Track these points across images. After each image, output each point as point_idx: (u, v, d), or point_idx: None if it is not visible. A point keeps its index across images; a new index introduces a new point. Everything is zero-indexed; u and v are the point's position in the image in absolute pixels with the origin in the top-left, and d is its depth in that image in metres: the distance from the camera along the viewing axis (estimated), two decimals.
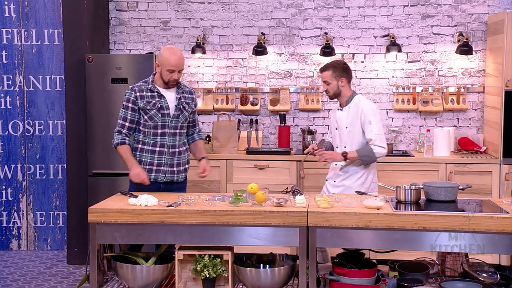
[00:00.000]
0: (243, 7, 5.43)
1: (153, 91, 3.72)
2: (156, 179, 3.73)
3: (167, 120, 3.72)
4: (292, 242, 3.12)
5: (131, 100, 3.70)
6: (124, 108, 3.72)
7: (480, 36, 5.17)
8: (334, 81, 3.95)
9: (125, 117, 3.72)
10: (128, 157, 3.71)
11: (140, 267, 3.20)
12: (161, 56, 3.67)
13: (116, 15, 5.56)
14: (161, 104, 3.70)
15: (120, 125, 3.74)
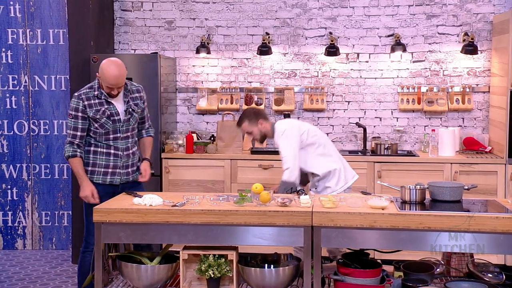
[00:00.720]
0: (248, 7, 5.43)
1: (100, 98, 3.63)
2: (112, 181, 3.71)
3: (118, 125, 3.68)
4: (297, 242, 3.11)
5: (80, 109, 3.59)
6: (73, 118, 3.60)
7: (485, 35, 5.16)
8: (255, 127, 4.08)
9: (76, 126, 3.61)
10: (78, 172, 3.63)
11: (145, 267, 3.20)
12: (102, 71, 3.55)
13: (121, 15, 5.57)
14: (110, 111, 3.63)
15: (71, 136, 3.62)
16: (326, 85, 5.38)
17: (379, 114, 5.35)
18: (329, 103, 5.39)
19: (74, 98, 3.64)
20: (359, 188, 4.50)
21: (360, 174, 4.78)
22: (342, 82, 5.37)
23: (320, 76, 5.39)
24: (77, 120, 3.61)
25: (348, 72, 5.36)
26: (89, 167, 3.69)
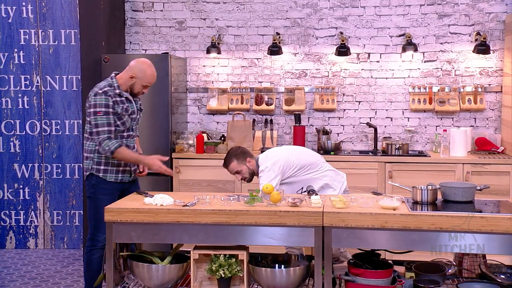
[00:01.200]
0: (258, 7, 5.43)
1: (121, 96, 3.70)
2: (123, 179, 3.77)
3: (133, 123, 3.81)
4: (307, 242, 3.11)
5: (110, 105, 3.63)
6: (104, 114, 3.61)
7: (497, 35, 5.12)
8: (243, 166, 3.98)
9: (109, 122, 3.63)
10: (132, 156, 3.72)
11: (156, 267, 3.21)
12: (140, 72, 3.67)
13: (132, 16, 5.60)
14: (131, 109, 3.74)
15: (107, 132, 3.62)
16: (337, 85, 5.36)
17: (390, 114, 5.33)
18: (340, 103, 5.38)
19: (101, 95, 3.63)
20: (370, 188, 4.49)
21: (371, 175, 4.79)
22: (352, 82, 5.36)
23: (330, 76, 5.38)
24: (109, 116, 3.65)
25: (359, 72, 5.34)
26: (101, 166, 3.72)
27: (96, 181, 3.73)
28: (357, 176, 4.79)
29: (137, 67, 3.69)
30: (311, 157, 4.04)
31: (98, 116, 3.62)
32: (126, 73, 3.72)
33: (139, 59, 3.79)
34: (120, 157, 3.66)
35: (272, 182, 3.75)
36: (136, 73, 3.68)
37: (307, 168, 3.95)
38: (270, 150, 4.09)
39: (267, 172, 3.84)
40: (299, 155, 4.00)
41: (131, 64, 3.72)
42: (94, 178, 3.73)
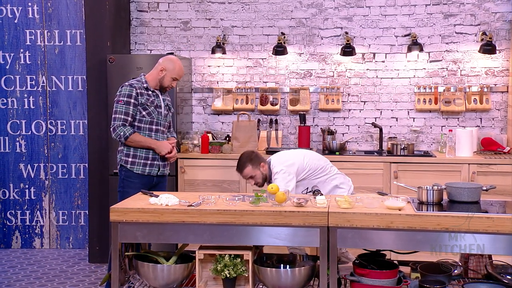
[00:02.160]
0: (263, 7, 5.43)
1: (148, 90, 3.93)
2: (150, 172, 3.92)
3: (161, 118, 3.97)
4: (313, 243, 3.10)
5: (133, 96, 3.84)
6: (124, 104, 3.84)
7: (504, 35, 5.10)
8: (258, 171, 3.94)
9: (127, 112, 3.85)
10: (146, 140, 3.88)
11: (161, 266, 3.21)
12: (170, 64, 3.94)
13: (137, 16, 5.61)
14: (157, 103, 3.94)
15: (122, 119, 3.84)
16: (342, 85, 5.36)
17: (395, 114, 5.32)
18: (345, 103, 5.37)
19: (126, 86, 3.88)
20: (375, 189, 4.48)
21: (376, 175, 4.78)
22: (358, 82, 5.35)
23: (335, 76, 5.37)
24: (129, 106, 3.84)
25: (364, 72, 5.33)
26: (129, 158, 3.89)
27: (125, 174, 3.91)
28: (362, 176, 4.78)
29: (166, 60, 3.96)
30: (320, 160, 4.05)
31: (118, 104, 3.86)
32: (156, 69, 3.95)
33: (166, 56, 4.06)
34: (134, 143, 3.85)
35: (289, 184, 3.77)
36: (166, 66, 3.92)
37: (319, 171, 3.96)
38: (281, 154, 4.07)
39: (283, 174, 3.84)
40: (311, 158, 4.00)
41: (160, 61, 3.98)
42: (123, 172, 3.92)
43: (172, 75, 3.95)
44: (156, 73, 3.95)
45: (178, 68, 3.97)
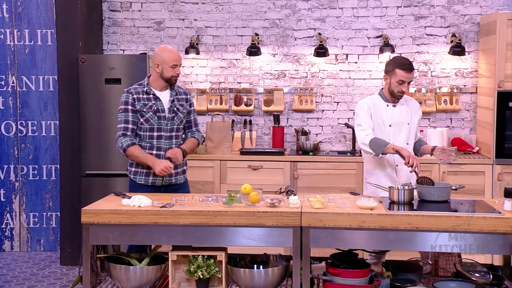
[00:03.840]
0: (237, 7, 5.43)
1: (148, 93, 3.72)
2: (154, 182, 3.71)
3: (163, 123, 3.71)
4: (286, 243, 3.12)
5: (129, 102, 3.69)
6: (123, 112, 3.68)
7: (472, 37, 5.20)
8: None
9: (127, 119, 3.68)
10: (144, 155, 3.63)
11: (134, 268, 3.19)
12: (160, 56, 3.69)
13: (109, 16, 5.55)
14: (157, 107, 3.70)
15: (123, 128, 3.66)
16: (315, 86, 5.39)
17: None
18: (318, 103, 5.41)
19: (124, 93, 3.73)
20: (349, 189, 4.52)
21: (349, 175, 4.83)
22: (331, 83, 5.39)
23: (309, 76, 5.41)
24: (128, 113, 3.68)
25: (337, 73, 5.38)
26: (132, 168, 3.74)
27: (130, 183, 3.78)
28: (335, 176, 4.83)
29: (156, 54, 3.74)
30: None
31: (118, 113, 3.72)
32: (153, 68, 3.75)
33: (155, 50, 3.80)
34: (132, 156, 3.66)
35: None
36: (158, 59, 3.70)
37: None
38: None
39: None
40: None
41: (153, 57, 3.81)
42: (129, 181, 3.78)
43: (169, 64, 3.67)
44: (155, 71, 3.73)
45: (170, 55, 3.68)
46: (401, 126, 3.81)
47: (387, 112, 3.81)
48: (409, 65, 3.70)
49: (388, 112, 3.81)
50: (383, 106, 3.82)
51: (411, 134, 3.85)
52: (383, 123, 3.80)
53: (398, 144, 3.72)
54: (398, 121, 3.80)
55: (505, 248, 2.98)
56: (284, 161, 4.91)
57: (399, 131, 3.80)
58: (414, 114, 3.87)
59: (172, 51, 3.72)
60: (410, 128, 3.83)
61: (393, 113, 3.81)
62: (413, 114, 3.86)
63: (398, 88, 3.73)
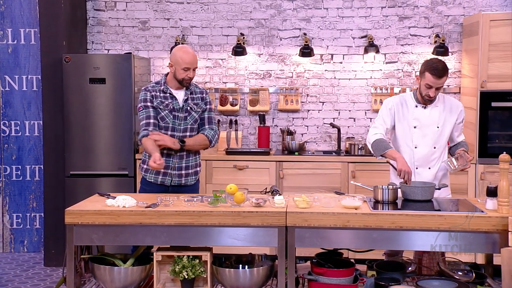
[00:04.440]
0: (222, 7, 5.43)
1: (165, 92, 3.69)
2: (163, 182, 3.69)
3: (177, 122, 3.68)
4: (271, 243, 3.12)
5: (148, 99, 3.67)
6: (144, 108, 3.66)
7: (456, 37, 5.25)
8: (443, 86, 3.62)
9: (148, 115, 3.65)
10: (148, 146, 3.54)
11: (118, 269, 3.18)
12: (175, 56, 3.64)
13: (94, 15, 5.51)
14: (173, 106, 3.67)
15: (145, 124, 3.63)
16: (301, 86, 5.41)
17: (353, 114, 5.40)
18: (304, 103, 5.42)
19: (142, 91, 3.71)
20: (334, 188, 4.55)
21: (334, 174, 4.84)
22: (316, 83, 5.41)
23: (294, 76, 5.42)
24: (148, 109, 3.66)
25: (322, 73, 5.39)
26: (145, 165, 3.72)
27: (141, 181, 3.78)
28: (320, 176, 4.84)
29: (172, 54, 3.69)
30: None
31: (139, 111, 3.69)
32: (169, 67, 3.70)
33: (174, 49, 3.73)
34: (143, 147, 3.65)
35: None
36: (172, 60, 3.66)
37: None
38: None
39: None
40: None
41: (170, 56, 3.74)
42: (142, 178, 3.77)
43: (181, 66, 3.60)
44: (170, 71, 3.69)
45: (183, 56, 3.60)
46: (428, 128, 3.62)
47: (414, 113, 3.64)
48: (439, 70, 3.47)
49: (415, 113, 3.64)
50: (411, 106, 3.65)
51: (442, 138, 3.64)
52: (407, 124, 3.65)
53: (423, 148, 3.62)
54: (425, 123, 3.62)
55: (487, 246, 3.01)
56: (269, 161, 4.92)
57: (424, 134, 3.62)
58: (450, 117, 3.64)
59: (186, 53, 3.63)
60: (441, 131, 3.62)
61: (420, 114, 3.63)
62: (449, 117, 3.64)
63: (425, 92, 3.54)
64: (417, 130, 3.65)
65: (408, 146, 3.67)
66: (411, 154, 3.65)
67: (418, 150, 3.64)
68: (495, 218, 2.97)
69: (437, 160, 3.64)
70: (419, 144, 3.64)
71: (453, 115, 3.65)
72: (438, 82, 3.50)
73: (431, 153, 3.64)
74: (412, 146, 3.65)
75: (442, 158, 3.65)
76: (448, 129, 3.65)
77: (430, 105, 3.64)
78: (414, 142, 3.65)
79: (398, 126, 3.70)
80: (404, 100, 3.71)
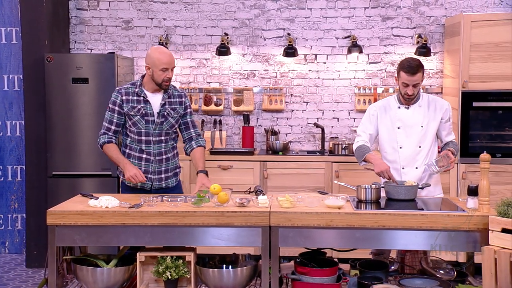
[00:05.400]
0: (206, 7, 5.42)
1: (139, 95, 3.58)
2: (143, 186, 3.62)
3: (151, 127, 3.58)
4: (255, 242, 3.12)
5: (117, 103, 3.57)
6: (110, 111, 3.60)
7: (438, 38, 5.30)
8: (421, 83, 3.60)
9: (111, 120, 3.60)
10: (118, 156, 3.55)
11: (101, 270, 3.16)
12: (151, 58, 3.52)
13: (76, 14, 5.47)
14: (145, 111, 3.56)
15: (105, 128, 3.60)
16: (285, 86, 5.42)
17: (336, 114, 5.43)
18: (288, 103, 5.44)
19: (114, 92, 3.62)
20: (318, 188, 4.56)
21: (318, 174, 4.86)
22: (300, 83, 5.42)
23: (278, 76, 5.43)
24: (113, 114, 3.59)
25: (306, 73, 5.41)
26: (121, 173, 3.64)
27: (122, 186, 3.70)
28: (304, 176, 4.86)
29: (147, 56, 3.56)
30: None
31: (107, 111, 3.63)
32: (146, 69, 3.58)
33: (148, 50, 3.60)
34: (107, 154, 3.60)
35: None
36: (148, 62, 3.53)
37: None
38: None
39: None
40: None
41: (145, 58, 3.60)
42: (121, 183, 3.69)
43: (159, 67, 3.48)
44: (147, 73, 3.56)
45: (160, 57, 3.49)
46: (412, 129, 3.64)
47: (397, 114, 3.67)
48: (412, 67, 3.51)
49: (398, 114, 3.67)
50: (395, 107, 3.69)
51: (426, 137, 3.66)
52: (391, 125, 3.69)
53: (408, 148, 3.64)
54: (409, 123, 3.65)
55: (468, 245, 3.05)
56: (254, 161, 4.92)
57: (409, 134, 3.65)
58: (435, 116, 3.66)
59: (163, 53, 3.52)
60: (426, 131, 3.64)
61: (403, 115, 3.66)
62: (433, 116, 3.66)
63: (404, 91, 3.57)
64: (401, 131, 3.68)
65: (393, 147, 3.70)
66: (396, 154, 3.69)
67: (403, 151, 3.67)
68: (476, 217, 3.01)
69: (423, 159, 3.67)
70: (403, 144, 3.67)
71: (437, 114, 3.67)
72: (413, 79, 3.53)
73: (416, 153, 3.67)
74: (397, 147, 3.68)
75: (429, 157, 3.68)
76: (433, 128, 3.67)
77: (413, 105, 3.67)
78: (398, 143, 3.68)
79: (382, 129, 3.74)
80: (388, 103, 3.75)
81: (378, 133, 3.77)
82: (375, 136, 3.79)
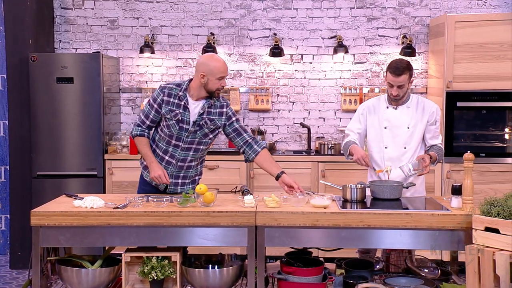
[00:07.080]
0: (192, 7, 5.40)
1: (181, 100, 3.47)
2: (157, 185, 3.58)
3: (183, 134, 3.49)
4: (241, 242, 3.12)
5: (157, 101, 3.50)
6: (149, 106, 3.54)
7: (422, 38, 5.34)
8: (407, 84, 3.60)
9: (148, 115, 3.55)
10: (147, 152, 3.52)
11: (86, 270, 3.14)
12: (207, 66, 3.41)
13: (61, 13, 5.43)
14: (182, 117, 3.45)
15: (140, 120, 3.58)
16: (271, 86, 5.42)
17: (322, 114, 5.44)
18: (274, 103, 5.44)
19: (159, 89, 3.55)
20: (304, 188, 4.55)
21: (304, 174, 4.88)
22: (286, 83, 5.43)
23: (265, 76, 5.43)
24: (151, 110, 3.54)
25: (292, 73, 5.42)
26: (145, 162, 3.61)
27: (140, 179, 3.69)
28: (291, 175, 4.83)
29: (201, 64, 3.44)
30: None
31: (146, 104, 3.58)
32: (196, 76, 3.46)
33: (202, 55, 3.54)
34: (137, 146, 3.60)
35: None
36: (204, 70, 3.41)
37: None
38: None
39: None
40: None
41: (196, 65, 3.49)
42: (140, 176, 3.69)
43: (216, 75, 3.40)
44: (198, 80, 3.43)
45: (217, 65, 3.41)
46: (399, 129, 3.66)
47: (384, 114, 3.69)
48: (397, 68, 3.53)
49: (386, 114, 3.69)
50: (383, 107, 3.71)
51: (413, 139, 3.66)
52: (379, 125, 3.72)
53: (393, 148, 3.66)
54: (396, 124, 3.66)
55: (452, 244, 3.07)
56: (240, 160, 4.91)
57: (395, 135, 3.67)
58: (422, 118, 3.66)
59: (220, 61, 3.45)
60: (412, 132, 3.65)
61: (391, 115, 3.68)
62: (420, 118, 3.66)
63: (390, 91, 3.61)
64: (387, 131, 3.69)
65: (379, 146, 3.73)
66: (381, 154, 3.71)
67: (388, 151, 3.70)
68: (460, 216, 3.04)
69: (408, 160, 3.67)
70: (389, 144, 3.69)
71: (424, 116, 3.68)
72: (398, 80, 3.55)
73: (401, 154, 3.68)
74: (383, 147, 3.71)
75: (414, 159, 3.69)
76: (420, 130, 3.68)
77: (401, 106, 3.69)
78: (384, 143, 3.70)
79: (370, 128, 3.77)
80: (377, 103, 3.77)
81: (366, 132, 3.80)
82: (364, 135, 3.82)
